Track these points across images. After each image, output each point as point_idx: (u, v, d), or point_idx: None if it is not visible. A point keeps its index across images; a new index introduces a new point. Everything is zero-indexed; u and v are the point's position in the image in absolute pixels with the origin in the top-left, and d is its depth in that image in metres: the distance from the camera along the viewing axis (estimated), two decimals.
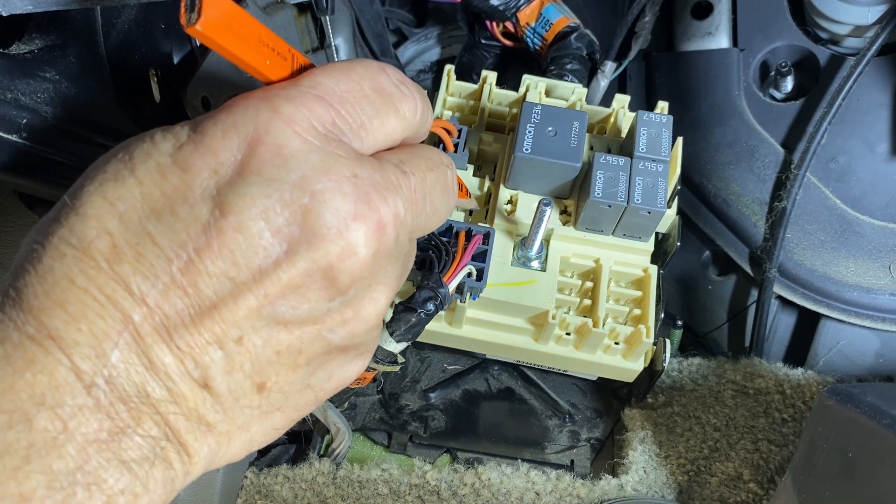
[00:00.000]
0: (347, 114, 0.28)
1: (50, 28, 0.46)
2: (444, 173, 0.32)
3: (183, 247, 0.25)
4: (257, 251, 0.26)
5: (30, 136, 0.44)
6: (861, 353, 0.67)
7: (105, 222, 0.26)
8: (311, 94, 0.28)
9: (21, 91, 0.44)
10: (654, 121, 0.52)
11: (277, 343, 0.27)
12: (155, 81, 0.55)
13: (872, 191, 0.65)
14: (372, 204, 0.27)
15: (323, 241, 0.26)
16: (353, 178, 0.27)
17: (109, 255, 0.25)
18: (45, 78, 0.45)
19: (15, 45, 0.45)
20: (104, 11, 0.49)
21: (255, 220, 0.26)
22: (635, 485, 0.62)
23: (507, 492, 0.61)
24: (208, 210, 0.26)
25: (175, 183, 0.26)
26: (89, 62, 0.49)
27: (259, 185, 0.26)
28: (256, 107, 0.27)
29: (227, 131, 0.26)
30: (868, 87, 0.65)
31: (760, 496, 0.60)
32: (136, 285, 0.25)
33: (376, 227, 0.28)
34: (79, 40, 0.48)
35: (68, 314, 0.25)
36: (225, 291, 0.26)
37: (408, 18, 0.90)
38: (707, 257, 0.73)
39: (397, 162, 0.30)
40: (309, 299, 0.27)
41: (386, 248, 0.28)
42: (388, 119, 0.30)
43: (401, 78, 0.31)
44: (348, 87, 0.29)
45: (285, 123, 0.26)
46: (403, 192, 0.29)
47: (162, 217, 0.26)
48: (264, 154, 0.26)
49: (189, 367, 0.26)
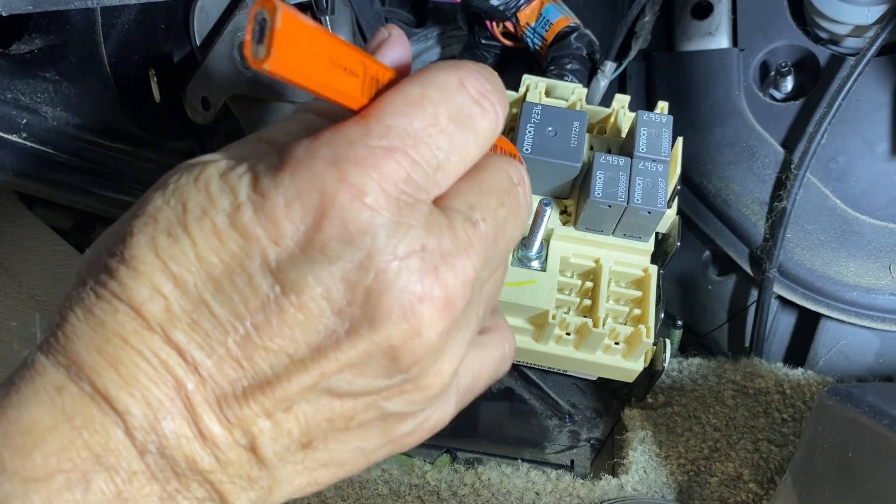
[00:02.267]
0: (422, 159, 0.26)
1: (50, 28, 0.46)
2: (517, 199, 0.30)
3: (241, 320, 0.24)
4: (318, 331, 0.25)
5: (30, 136, 0.44)
6: (861, 353, 0.67)
7: (158, 283, 0.24)
8: (382, 150, 0.25)
9: (21, 91, 0.44)
10: (654, 121, 0.52)
11: (329, 412, 0.27)
12: (155, 81, 0.55)
13: (872, 191, 0.65)
14: (440, 279, 0.26)
15: (385, 324, 0.25)
16: (421, 251, 0.25)
17: (163, 319, 0.24)
18: (45, 78, 0.45)
19: (15, 45, 0.45)
20: (104, 11, 0.49)
21: (317, 300, 0.24)
22: (635, 485, 0.62)
23: (507, 492, 0.61)
24: (268, 285, 0.24)
25: (233, 250, 0.24)
26: (89, 62, 0.49)
27: (323, 264, 0.24)
28: (323, 173, 0.24)
29: (290, 201, 0.24)
30: (868, 87, 0.65)
31: (760, 496, 0.60)
32: (190, 354, 0.24)
33: (444, 304, 0.26)
34: (79, 40, 0.48)
35: (121, 377, 0.24)
36: (280, 368, 0.25)
37: (408, 18, 0.90)
38: (707, 257, 0.73)
39: (467, 210, 0.28)
40: (367, 376, 0.26)
41: (454, 320, 0.27)
42: (466, 148, 0.27)
43: (481, 89, 0.28)
44: (423, 123, 0.26)
45: (353, 196, 0.24)
46: (475, 250, 0.27)
47: (219, 286, 0.24)
48: (329, 230, 0.24)
49: (237, 436, 0.25)
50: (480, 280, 0.28)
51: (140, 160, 0.53)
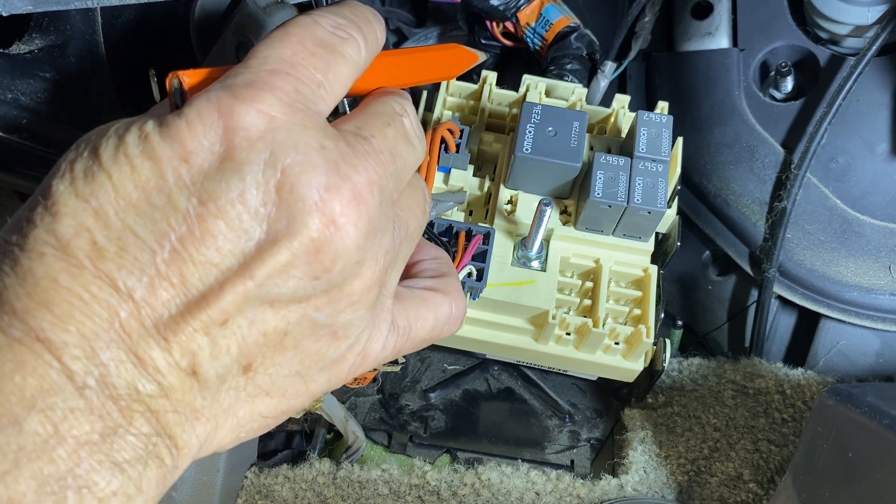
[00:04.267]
0: (303, 76, 0.28)
1: (50, 28, 0.46)
2: (402, 123, 0.32)
3: (165, 236, 0.25)
4: (239, 235, 0.26)
5: (30, 136, 0.44)
6: (861, 353, 0.67)
7: (81, 219, 0.25)
8: (266, 72, 0.28)
9: (21, 91, 0.44)
10: (654, 121, 0.52)
11: (263, 323, 0.27)
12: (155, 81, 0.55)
13: (872, 191, 0.65)
14: (343, 174, 0.27)
15: (300, 215, 0.26)
16: (321, 149, 0.27)
17: (91, 252, 0.25)
18: (45, 78, 0.45)
19: (15, 45, 0.45)
20: (104, 11, 0.49)
21: (232, 203, 0.26)
22: (635, 485, 0.62)
23: (507, 492, 0.61)
24: (185, 199, 0.26)
25: (147, 174, 0.26)
26: (89, 62, 0.49)
27: (232, 170, 0.26)
28: (217, 96, 0.27)
29: (191, 121, 0.26)
30: (868, 87, 0.65)
31: (760, 496, 0.60)
32: (121, 281, 0.25)
33: (352, 195, 0.27)
34: (79, 40, 0.48)
35: (54, 315, 0.24)
36: (211, 279, 0.26)
37: (408, 18, 0.90)
38: (707, 257, 0.73)
39: (354, 130, 0.30)
40: (293, 276, 0.27)
41: (368, 218, 0.28)
42: (338, 68, 0.30)
43: (334, 21, 0.30)
44: (293, 50, 0.29)
45: (248, 105, 0.26)
46: (372, 158, 0.29)
47: (139, 209, 0.25)
48: (232, 139, 0.26)
49: (177, 357, 0.26)
50: (387, 189, 0.29)
51: None
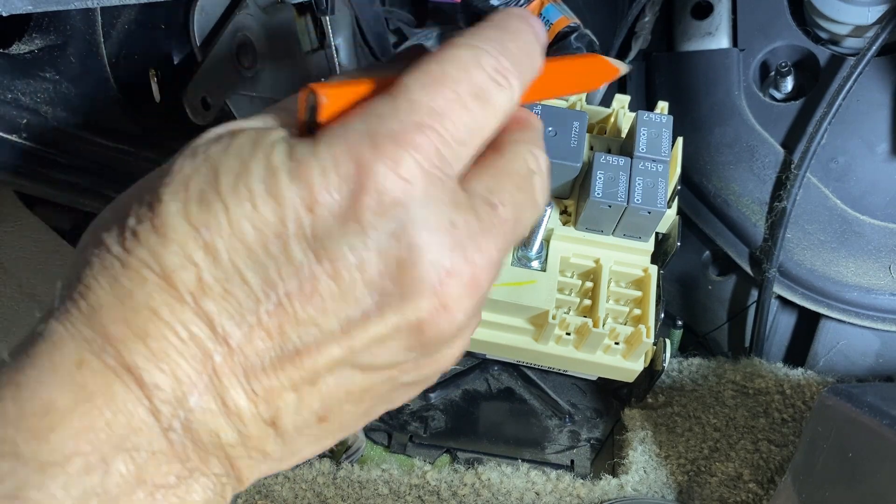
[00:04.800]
0: (448, 133, 0.26)
1: (50, 28, 0.46)
2: (533, 186, 0.30)
3: (274, 288, 0.24)
4: (349, 301, 0.25)
5: (30, 136, 0.44)
6: (861, 353, 0.67)
7: (190, 251, 0.24)
8: (412, 124, 0.25)
9: (21, 91, 0.44)
10: (654, 121, 0.52)
11: (350, 384, 0.27)
12: (155, 81, 0.55)
13: (872, 191, 0.65)
14: (468, 256, 0.26)
15: (415, 295, 0.25)
16: (451, 227, 0.26)
17: (195, 288, 0.24)
18: (45, 78, 0.45)
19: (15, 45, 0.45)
20: (104, 11, 0.49)
21: (349, 269, 0.24)
22: (635, 485, 0.62)
23: (507, 492, 0.61)
24: (302, 252, 0.24)
25: (267, 217, 0.24)
26: (89, 62, 0.49)
27: (356, 234, 0.24)
28: (358, 144, 0.25)
29: (326, 169, 0.24)
30: (868, 87, 0.65)
31: (760, 496, 0.60)
32: (220, 324, 0.24)
33: (470, 280, 0.26)
34: (79, 40, 0.48)
35: (150, 350, 0.23)
36: (310, 338, 0.25)
37: (408, 18, 0.90)
38: (707, 257, 0.73)
39: (486, 193, 0.28)
40: (392, 350, 0.26)
41: (477, 299, 0.27)
42: (486, 124, 0.27)
43: (496, 64, 0.28)
44: (446, 99, 0.26)
45: (388, 168, 0.24)
46: (496, 233, 0.27)
47: (252, 253, 0.24)
48: (364, 199, 0.24)
49: (261, 409, 0.25)
50: (500, 263, 0.28)
51: (140, 160, 0.53)
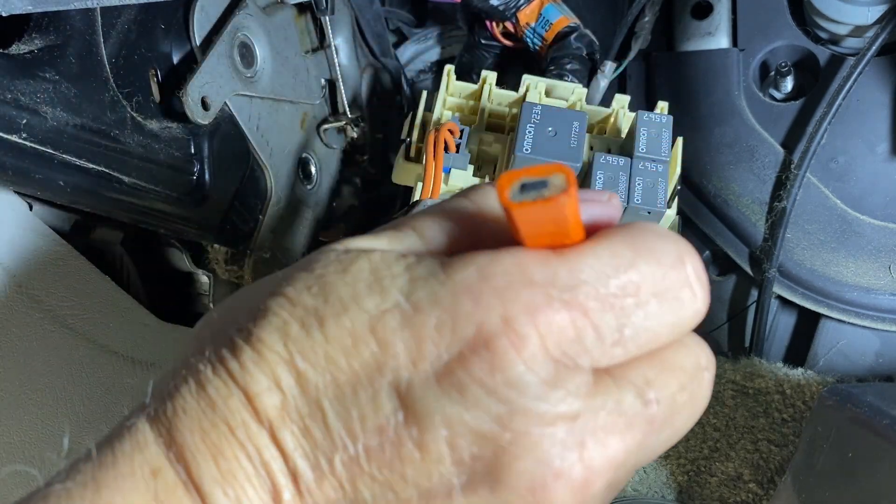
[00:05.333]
0: (603, 327, 0.22)
1: (50, 28, 0.46)
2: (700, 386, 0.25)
3: (354, 439, 0.22)
4: (431, 477, 0.22)
5: (30, 136, 0.44)
6: (861, 353, 0.67)
7: (280, 375, 0.23)
8: (561, 303, 0.22)
9: (21, 91, 0.44)
10: (654, 121, 0.52)
11: None
12: (155, 81, 0.55)
13: (872, 191, 0.65)
14: (585, 456, 0.22)
15: (508, 492, 0.22)
16: (572, 420, 0.22)
17: (275, 416, 0.22)
18: (45, 78, 0.45)
19: (15, 45, 0.45)
20: (104, 11, 0.49)
21: (439, 443, 0.22)
22: (635, 485, 0.62)
23: None
24: (392, 408, 0.22)
25: (366, 358, 0.22)
26: (89, 62, 0.49)
27: (457, 406, 0.22)
28: (488, 307, 0.22)
29: (443, 323, 0.22)
30: (868, 87, 0.65)
31: (760, 496, 0.60)
32: (293, 461, 0.22)
33: (581, 485, 0.22)
34: (79, 40, 0.48)
35: (219, 470, 0.23)
36: (382, 500, 0.23)
37: (408, 18, 0.90)
38: (707, 257, 0.73)
39: (641, 384, 0.24)
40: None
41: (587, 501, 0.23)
42: (660, 332, 0.24)
43: (699, 272, 0.24)
44: (621, 287, 0.22)
45: (513, 343, 0.21)
46: (635, 432, 0.23)
47: (341, 395, 0.22)
48: (475, 370, 0.21)
49: None
50: (629, 465, 0.24)
51: (140, 160, 0.53)
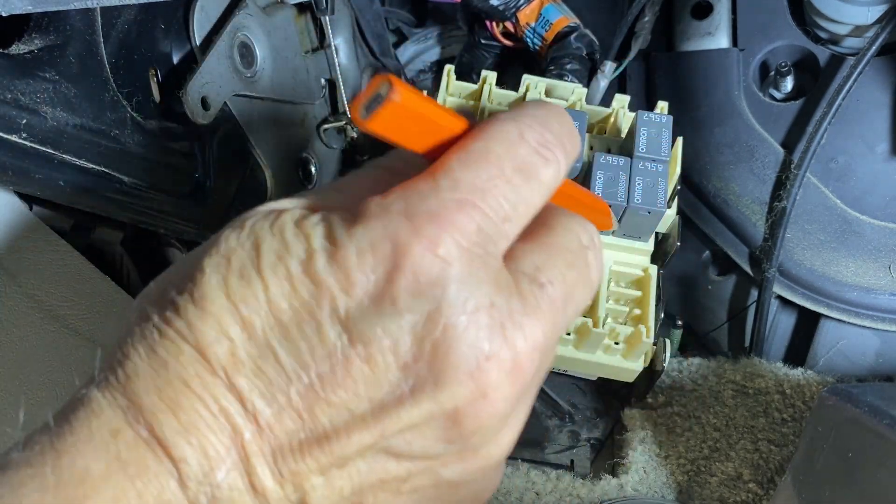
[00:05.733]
0: (491, 210, 0.25)
1: (50, 28, 0.46)
2: (586, 262, 0.28)
3: (306, 369, 0.24)
4: (382, 386, 0.24)
5: (30, 136, 0.44)
6: (861, 353, 0.67)
7: (226, 326, 0.24)
8: (453, 202, 0.25)
9: (21, 91, 0.44)
10: (654, 121, 0.52)
11: (383, 472, 0.26)
12: (155, 81, 0.55)
13: (872, 191, 0.65)
14: (508, 339, 0.25)
15: (450, 382, 0.24)
16: (490, 307, 0.25)
17: (228, 363, 0.24)
18: (45, 78, 0.45)
19: (15, 45, 0.45)
20: (104, 11, 0.49)
21: (383, 352, 0.24)
22: (635, 485, 0.62)
23: (506, 492, 0.61)
24: (336, 334, 0.24)
25: (304, 297, 0.24)
26: (89, 62, 0.49)
27: (390, 316, 0.24)
28: (396, 226, 0.24)
29: (363, 251, 0.24)
30: (868, 87, 0.65)
31: (760, 496, 0.60)
32: (251, 401, 0.24)
33: (511, 366, 0.25)
34: (79, 40, 0.48)
35: (180, 423, 0.24)
36: (340, 422, 0.24)
37: (408, 18, 0.90)
38: (707, 257, 0.73)
39: (533, 272, 0.27)
40: (427, 438, 0.25)
41: (520, 387, 0.25)
42: (531, 197, 0.27)
43: (540, 138, 0.27)
44: (489, 175, 0.26)
45: (426, 248, 0.24)
46: (542, 314, 0.26)
47: (287, 332, 0.24)
48: (401, 281, 0.24)
49: (288, 491, 0.25)
50: (549, 348, 0.27)
51: (140, 160, 0.53)
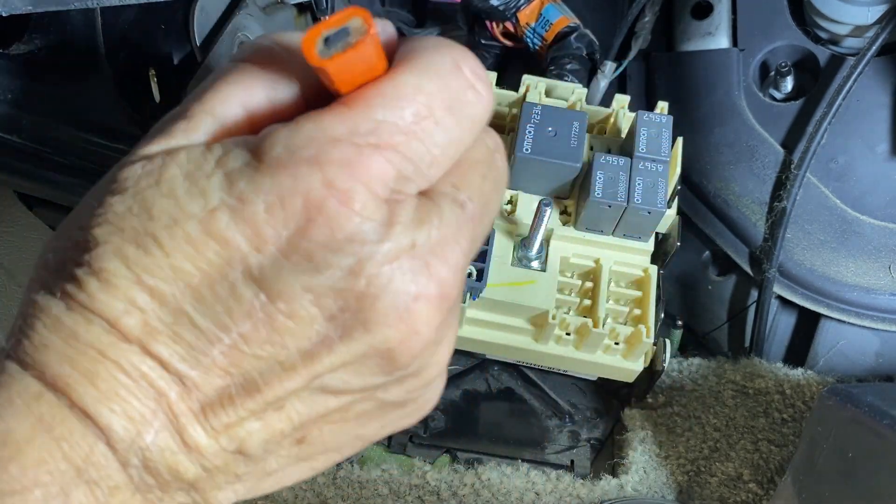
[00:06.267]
0: (415, 155, 0.24)
1: (50, 28, 0.46)
2: (497, 168, 0.27)
3: (226, 331, 0.23)
4: (310, 336, 0.23)
5: (30, 136, 0.44)
6: (861, 353, 0.67)
7: (133, 296, 0.23)
8: (370, 148, 0.23)
9: (21, 91, 0.44)
10: (654, 121, 0.52)
11: (323, 408, 0.25)
12: (155, 81, 0.55)
13: (872, 191, 0.65)
14: (434, 274, 0.24)
15: (381, 327, 0.24)
16: (412, 249, 0.24)
17: (142, 333, 0.23)
18: (44, 78, 0.45)
19: (15, 45, 0.45)
20: (104, 11, 0.49)
21: (306, 307, 0.23)
22: (635, 485, 0.62)
23: (507, 492, 0.61)
24: (252, 293, 0.23)
25: (211, 258, 0.23)
26: (89, 62, 0.49)
27: (311, 273, 0.23)
28: (306, 177, 0.22)
29: (271, 205, 0.22)
30: (868, 87, 0.65)
31: (760, 496, 0.60)
32: (173, 366, 0.23)
33: (438, 297, 0.24)
34: (79, 40, 0.48)
35: (99, 391, 0.23)
36: (270, 373, 0.24)
37: (408, 18, 0.90)
38: (707, 257, 0.73)
39: (452, 192, 0.25)
40: (363, 374, 0.25)
41: (447, 309, 0.25)
42: (462, 139, 0.25)
43: (477, 71, 0.25)
44: (417, 114, 0.24)
45: (340, 202, 0.22)
46: (463, 233, 0.25)
47: (199, 296, 0.23)
48: (316, 237, 0.23)
49: (223, 442, 0.24)
50: (468, 260, 0.26)
51: None
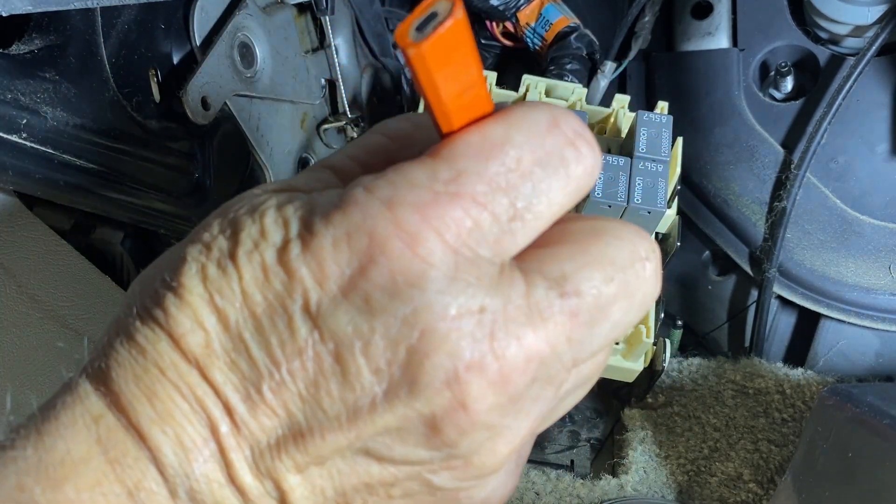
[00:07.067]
0: (496, 208, 0.23)
1: (50, 28, 0.46)
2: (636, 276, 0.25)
3: (277, 366, 0.23)
4: (354, 388, 0.23)
5: (30, 136, 0.44)
6: (861, 353, 0.67)
7: (202, 316, 0.23)
8: (447, 196, 0.22)
9: (21, 91, 0.44)
10: (654, 121, 0.52)
11: (366, 475, 0.25)
12: (155, 81, 0.55)
13: (872, 191, 0.65)
14: (496, 347, 0.22)
15: (426, 390, 0.22)
16: (479, 312, 0.22)
17: (202, 354, 0.23)
18: (45, 78, 0.45)
19: (15, 45, 0.45)
20: (104, 11, 0.49)
21: (354, 353, 0.23)
22: (635, 485, 0.62)
23: None
24: (307, 329, 0.23)
25: (277, 289, 0.23)
26: (89, 62, 0.49)
27: (364, 315, 0.22)
28: (376, 215, 0.22)
29: (338, 241, 0.22)
30: (868, 87, 0.65)
31: (760, 496, 0.60)
32: (225, 395, 0.23)
33: (498, 377, 0.23)
34: (79, 40, 0.48)
35: (155, 411, 0.23)
36: (315, 421, 0.23)
37: None
38: (707, 257, 0.73)
39: (556, 277, 0.24)
40: (407, 444, 0.24)
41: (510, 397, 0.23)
42: (555, 195, 0.24)
43: (577, 128, 0.24)
44: (503, 166, 0.23)
45: (406, 245, 0.22)
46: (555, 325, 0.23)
47: (259, 326, 0.23)
48: (375, 278, 0.22)
49: (268, 488, 0.24)
50: (561, 362, 0.24)
51: (140, 160, 0.53)
